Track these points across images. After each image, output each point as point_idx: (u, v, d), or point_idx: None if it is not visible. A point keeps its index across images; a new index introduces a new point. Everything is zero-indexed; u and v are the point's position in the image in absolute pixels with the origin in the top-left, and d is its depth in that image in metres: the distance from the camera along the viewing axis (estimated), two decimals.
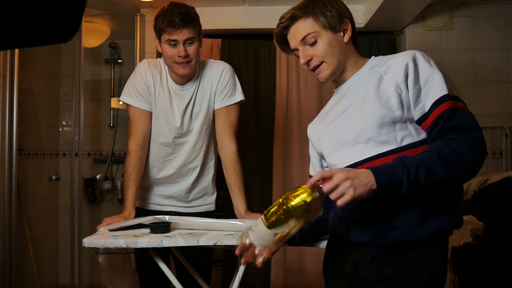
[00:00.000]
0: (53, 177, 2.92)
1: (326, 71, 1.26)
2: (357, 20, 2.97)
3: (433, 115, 1.09)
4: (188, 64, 1.75)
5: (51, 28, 0.58)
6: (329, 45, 1.24)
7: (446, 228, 1.14)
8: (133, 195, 1.77)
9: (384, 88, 1.15)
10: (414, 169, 1.02)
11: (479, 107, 2.99)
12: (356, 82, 1.25)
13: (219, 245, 1.46)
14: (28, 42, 0.62)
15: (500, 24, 3.03)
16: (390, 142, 1.13)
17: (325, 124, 1.30)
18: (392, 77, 1.14)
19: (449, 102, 1.08)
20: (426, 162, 1.03)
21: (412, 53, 1.15)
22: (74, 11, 0.59)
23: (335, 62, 1.25)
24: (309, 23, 1.25)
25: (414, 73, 1.12)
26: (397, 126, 1.13)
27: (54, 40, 0.60)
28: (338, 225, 1.25)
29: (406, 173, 1.01)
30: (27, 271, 2.87)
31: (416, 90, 1.12)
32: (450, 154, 1.03)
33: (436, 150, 1.05)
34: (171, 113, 1.83)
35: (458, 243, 1.60)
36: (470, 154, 1.04)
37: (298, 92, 3.00)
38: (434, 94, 1.10)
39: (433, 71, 1.12)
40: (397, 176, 1.02)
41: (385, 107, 1.13)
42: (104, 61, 3.58)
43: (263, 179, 2.99)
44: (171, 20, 1.68)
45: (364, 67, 1.27)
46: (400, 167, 1.02)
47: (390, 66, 1.17)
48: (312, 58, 1.26)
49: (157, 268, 1.54)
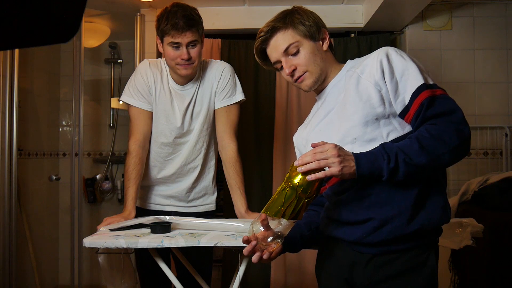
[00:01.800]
0: (53, 177, 2.91)
1: (309, 79, 1.29)
2: (357, 20, 2.97)
3: (414, 106, 1.11)
4: (191, 65, 1.75)
5: (51, 28, 0.58)
6: (311, 53, 1.27)
7: (435, 220, 1.13)
8: (134, 194, 1.77)
9: (363, 87, 1.16)
10: (394, 156, 1.04)
11: (479, 107, 3.00)
12: (335, 86, 1.28)
13: (219, 245, 1.46)
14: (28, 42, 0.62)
15: (500, 24, 3.03)
16: (377, 139, 1.15)
17: (309, 129, 1.31)
18: (369, 75, 1.16)
19: (427, 91, 1.10)
20: (405, 148, 1.05)
21: (385, 50, 1.17)
22: (74, 11, 0.58)
23: (318, 70, 1.28)
24: (289, 33, 1.27)
25: (389, 68, 1.14)
26: (381, 122, 1.15)
27: (54, 40, 0.60)
28: (330, 225, 1.25)
29: (386, 160, 1.04)
30: (27, 271, 2.87)
31: (393, 85, 1.13)
32: (429, 138, 1.05)
33: (416, 136, 1.07)
34: (171, 113, 1.84)
35: (458, 246, 1.60)
36: (451, 136, 1.06)
37: (298, 92, 3.00)
38: (411, 86, 1.12)
39: (407, 63, 1.14)
40: (378, 164, 1.05)
41: (367, 105, 1.15)
42: (104, 61, 3.58)
43: (263, 179, 2.99)
44: (175, 23, 1.68)
45: (342, 71, 1.30)
46: (380, 154, 1.05)
47: (366, 65, 1.19)
48: (296, 68, 1.28)
49: (157, 268, 1.54)
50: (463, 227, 1.71)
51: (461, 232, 1.65)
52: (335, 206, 1.22)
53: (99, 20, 3.21)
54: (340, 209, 1.20)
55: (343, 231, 1.20)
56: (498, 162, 2.97)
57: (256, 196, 2.95)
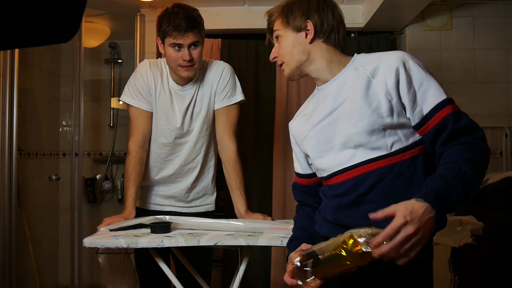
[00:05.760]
0: (53, 177, 2.91)
1: (286, 70, 1.30)
2: (357, 20, 2.97)
3: (434, 119, 1.09)
4: (192, 67, 1.75)
5: (51, 28, 0.58)
6: (288, 45, 1.26)
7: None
8: (133, 195, 1.77)
9: (373, 93, 1.14)
10: (461, 190, 1.01)
11: (479, 107, 2.99)
12: (340, 83, 1.22)
13: (219, 245, 1.46)
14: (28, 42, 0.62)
15: (500, 24, 3.03)
16: (381, 148, 1.13)
17: (310, 125, 1.27)
18: (381, 82, 1.13)
19: (450, 106, 1.09)
20: (462, 178, 1.02)
21: (401, 57, 1.14)
22: (74, 11, 0.58)
23: (294, 62, 1.27)
24: (279, 21, 1.28)
25: (406, 78, 1.11)
26: (387, 132, 1.13)
27: (54, 40, 0.60)
28: (328, 228, 1.25)
29: (456, 198, 1.01)
30: (27, 271, 2.87)
31: (411, 96, 1.11)
32: (475, 164, 1.05)
33: (463, 160, 1.04)
34: (171, 114, 1.83)
35: (458, 243, 1.60)
36: (485, 157, 1.08)
37: (298, 92, 3.00)
38: (433, 99, 1.10)
39: (425, 74, 1.12)
40: (451, 205, 1.01)
41: (375, 114, 1.12)
42: (104, 61, 3.58)
43: (263, 179, 2.98)
44: (177, 24, 1.67)
45: (348, 66, 1.24)
46: (449, 192, 1.01)
47: (378, 68, 1.15)
48: (277, 56, 1.30)
49: (157, 268, 1.54)
50: (463, 225, 1.71)
51: (461, 230, 1.65)
52: (332, 208, 1.22)
53: (99, 20, 3.21)
54: (335, 211, 1.20)
55: (337, 234, 1.19)
56: (498, 162, 2.97)
57: (256, 196, 2.95)
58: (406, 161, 1.13)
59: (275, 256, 2.93)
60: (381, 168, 1.13)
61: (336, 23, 1.26)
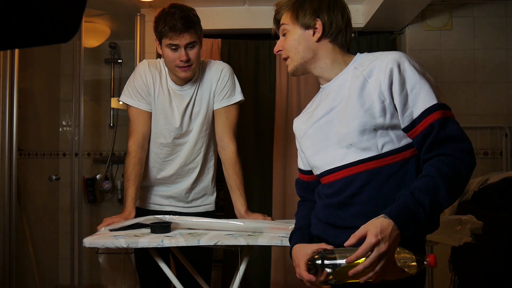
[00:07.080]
0: (53, 177, 2.91)
1: (290, 65, 1.29)
2: (357, 20, 2.97)
3: (423, 124, 1.09)
4: (190, 67, 1.75)
5: (51, 28, 0.58)
6: (294, 40, 1.26)
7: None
8: (133, 195, 1.77)
9: (367, 93, 1.14)
10: (428, 207, 1.03)
11: (479, 107, 2.99)
12: (341, 82, 1.23)
13: (219, 245, 1.46)
14: (28, 42, 0.62)
15: (500, 24, 3.03)
16: (371, 148, 1.13)
17: (310, 123, 1.28)
18: (375, 82, 1.13)
19: (440, 112, 1.08)
20: (433, 194, 1.03)
21: (397, 58, 1.13)
22: (74, 11, 0.58)
23: (298, 59, 1.26)
24: (288, 15, 1.28)
25: (399, 80, 1.10)
26: (378, 132, 1.13)
27: (54, 40, 0.60)
28: (319, 227, 1.25)
29: (422, 215, 1.02)
30: (27, 271, 2.87)
31: (402, 98, 1.10)
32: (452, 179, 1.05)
33: (440, 174, 1.05)
34: (170, 114, 1.83)
35: (458, 242, 1.60)
36: (466, 172, 1.07)
37: (298, 92, 3.00)
38: (424, 103, 1.09)
39: (420, 77, 1.11)
40: (417, 221, 1.02)
41: (367, 114, 1.13)
42: (104, 61, 3.58)
43: (263, 179, 2.98)
44: (173, 25, 1.67)
45: (350, 65, 1.24)
46: (416, 208, 1.02)
47: (374, 69, 1.15)
48: (282, 50, 1.30)
49: (157, 268, 1.54)
50: (462, 224, 1.71)
51: (460, 229, 1.65)
52: (323, 207, 1.22)
53: (99, 20, 3.21)
54: (326, 210, 1.20)
55: (328, 233, 1.20)
56: (498, 162, 2.97)
57: (255, 196, 2.95)
58: (396, 163, 1.13)
59: (275, 256, 2.93)
60: (369, 170, 1.13)
61: (345, 25, 1.26)
